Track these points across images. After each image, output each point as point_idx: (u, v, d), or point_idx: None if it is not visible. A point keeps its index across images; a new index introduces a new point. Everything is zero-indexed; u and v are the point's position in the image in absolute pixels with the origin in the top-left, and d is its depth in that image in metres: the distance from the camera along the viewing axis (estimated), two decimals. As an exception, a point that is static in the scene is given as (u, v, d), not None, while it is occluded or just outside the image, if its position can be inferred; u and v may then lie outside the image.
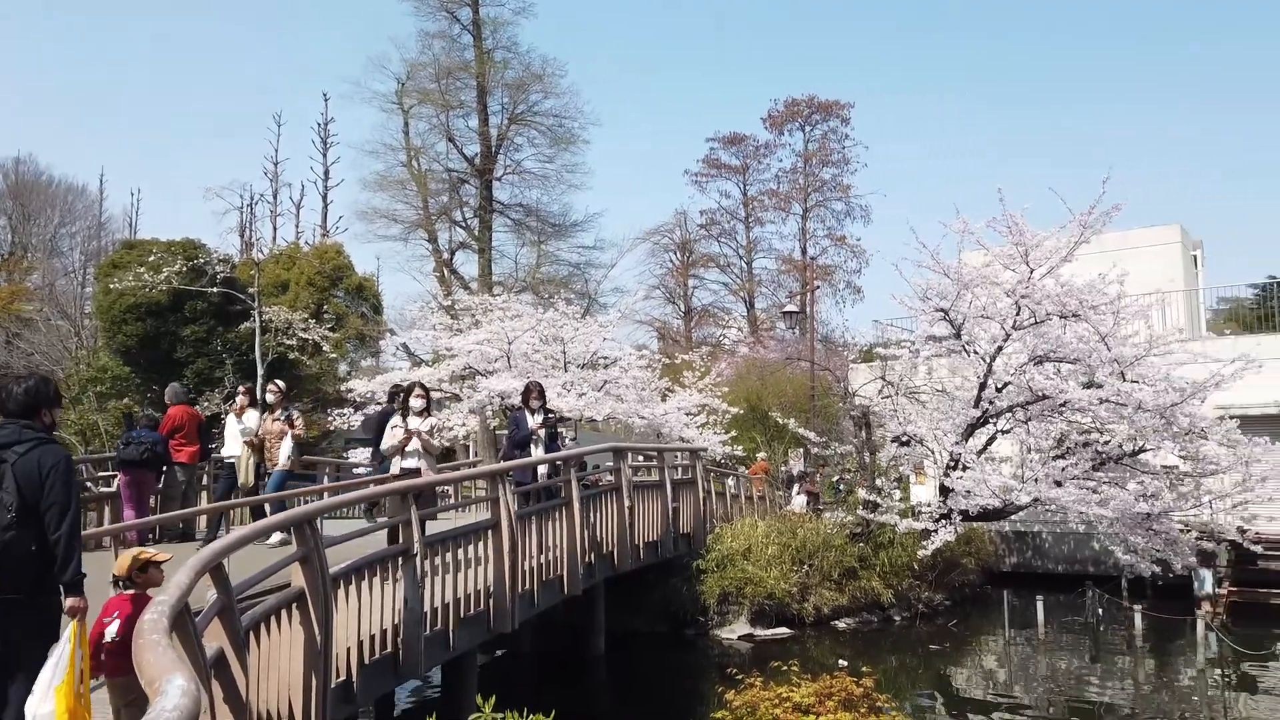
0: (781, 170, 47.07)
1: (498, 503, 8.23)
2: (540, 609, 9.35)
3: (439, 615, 7.25)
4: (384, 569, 6.52)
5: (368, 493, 8.68)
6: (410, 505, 6.84)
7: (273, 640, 5.10)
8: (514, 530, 8.30)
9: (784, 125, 46.32)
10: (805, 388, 23.76)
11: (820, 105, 45.60)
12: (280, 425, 10.19)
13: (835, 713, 5.61)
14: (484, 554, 8.12)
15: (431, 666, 7.65)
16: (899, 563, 15.04)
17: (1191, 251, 22.05)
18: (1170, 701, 10.99)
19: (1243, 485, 14.55)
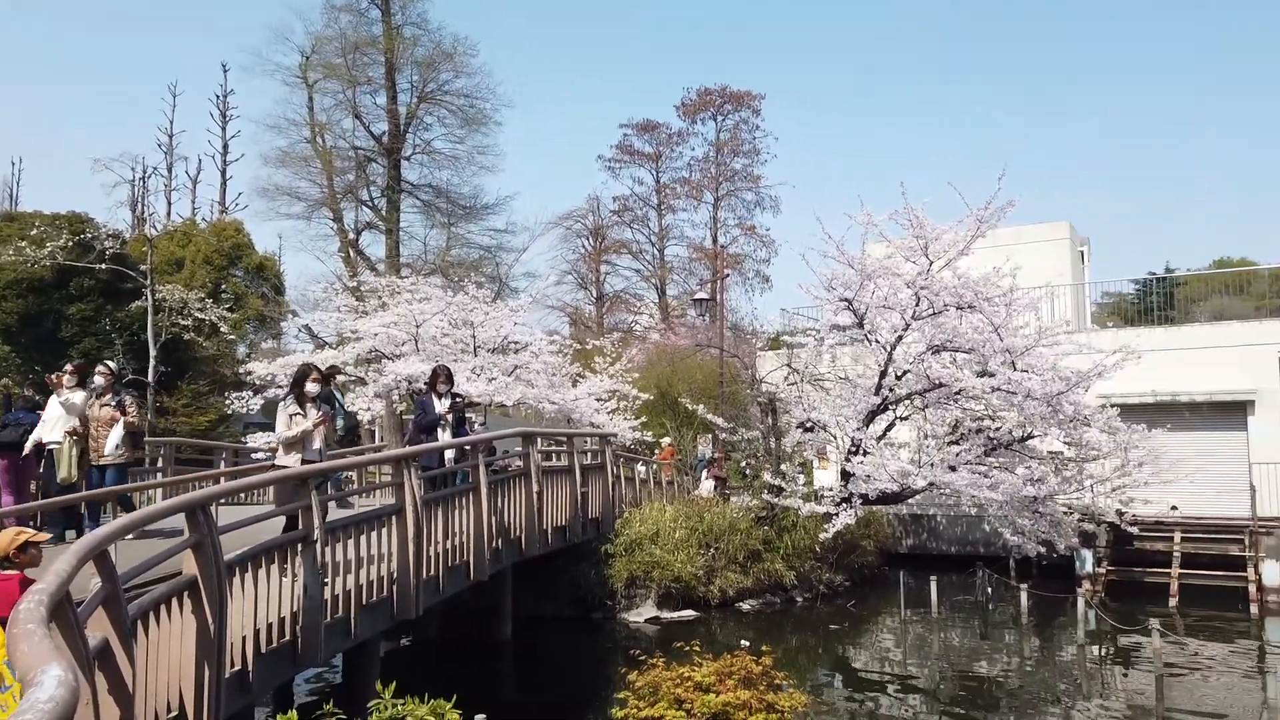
0: (694, 159, 47.40)
1: (402, 488, 8.11)
2: (446, 595, 9.26)
3: (340, 602, 7.12)
4: (283, 556, 6.36)
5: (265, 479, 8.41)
6: (311, 491, 6.68)
7: (163, 630, 4.92)
8: (419, 516, 8.19)
9: (696, 114, 46.60)
10: (714, 374, 24.07)
11: (732, 95, 46.03)
12: (110, 412, 9.19)
13: (735, 691, 5.75)
14: (388, 540, 7.99)
15: (332, 654, 7.50)
16: (801, 545, 15.42)
17: (1079, 248, 23.15)
18: (1052, 675, 11.61)
19: (1121, 470, 15.42)
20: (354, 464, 10.05)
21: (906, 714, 9.74)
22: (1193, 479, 16.44)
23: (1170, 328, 20.16)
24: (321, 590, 6.70)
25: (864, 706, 10.10)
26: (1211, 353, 18.13)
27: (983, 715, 9.61)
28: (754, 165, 46.61)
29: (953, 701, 10.20)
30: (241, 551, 5.95)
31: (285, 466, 7.60)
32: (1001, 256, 14.91)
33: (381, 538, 7.91)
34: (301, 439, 7.70)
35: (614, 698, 6.60)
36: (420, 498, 8.28)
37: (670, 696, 5.86)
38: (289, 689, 9.04)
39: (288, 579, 6.37)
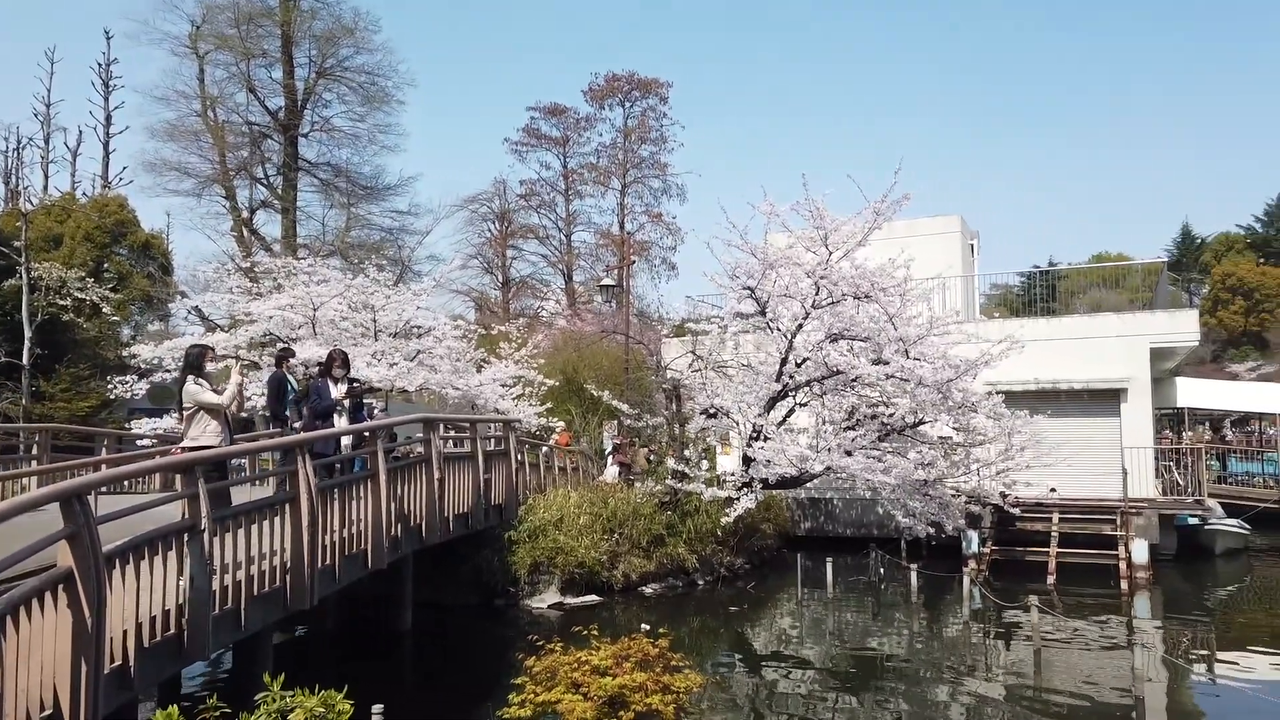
0: (601, 145, 47.29)
1: (296, 475, 7.89)
2: (343, 584, 9.06)
3: (229, 593, 6.88)
4: (168, 546, 6.12)
5: (149, 466, 8.07)
6: (198, 479, 6.43)
7: (34, 626, 4.68)
8: (314, 503, 7.98)
9: (604, 100, 46.48)
10: (620, 360, 24.14)
11: (640, 82, 46.07)
12: None
13: (631, 673, 5.82)
14: (281, 528, 7.76)
15: (221, 647, 7.28)
16: (704, 529, 15.66)
17: (969, 241, 24.08)
18: (940, 650, 12.11)
19: (1005, 454, 16.17)
20: (245, 450, 9.71)
21: (802, 691, 10.03)
22: (1070, 463, 17.38)
23: (1052, 319, 21.21)
24: (209, 581, 6.47)
25: (762, 685, 10.35)
26: (1089, 343, 19.15)
27: (874, 691, 9.97)
28: (661, 153, 46.83)
29: (846, 678, 10.55)
30: (122, 542, 5.69)
31: (202, 447, 7.37)
32: (897, 248, 15.40)
33: (274, 526, 7.69)
34: (228, 404, 7.58)
35: (514, 684, 6.59)
36: (315, 485, 8.07)
37: (567, 681, 5.90)
38: (177, 682, 8.72)
39: (173, 570, 6.13)
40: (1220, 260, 72.35)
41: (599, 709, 5.66)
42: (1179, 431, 27.10)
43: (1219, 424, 33.21)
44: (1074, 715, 8.98)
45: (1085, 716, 8.97)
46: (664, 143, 46.69)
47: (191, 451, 7.27)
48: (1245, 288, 66.13)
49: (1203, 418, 30.93)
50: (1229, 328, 64.28)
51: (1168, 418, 26.68)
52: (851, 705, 9.44)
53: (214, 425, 7.65)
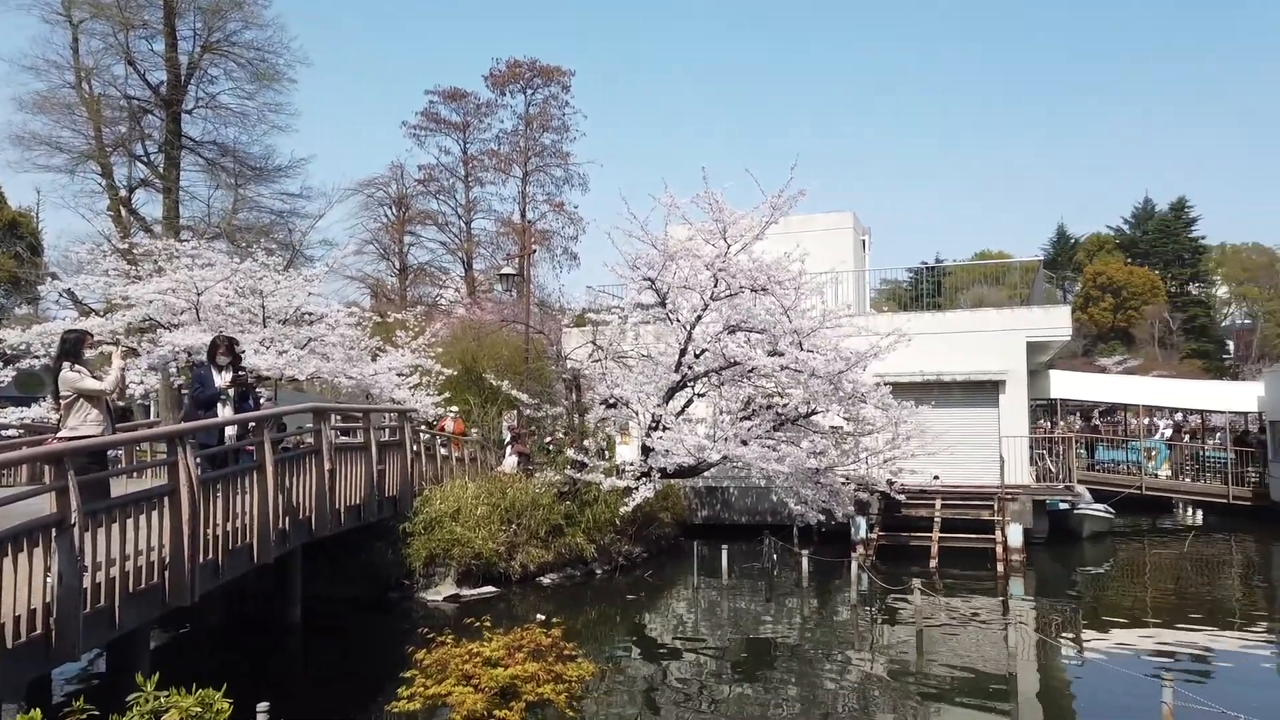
0: (502, 131, 46.70)
1: (176, 467, 7.56)
2: (227, 579, 8.75)
3: (103, 591, 6.56)
4: (34, 541, 5.78)
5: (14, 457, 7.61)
6: (67, 470, 6.10)
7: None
8: (195, 496, 7.67)
9: (506, 86, 45.91)
10: (520, 350, 23.96)
11: (542, 70, 45.69)
12: None
13: (523, 664, 5.82)
14: (160, 522, 7.43)
15: (93, 647, 6.93)
16: (602, 519, 15.73)
17: (861, 237, 24.83)
18: (829, 633, 12.51)
19: (892, 443, 16.79)
20: (122, 441, 9.24)
21: (697, 677, 10.20)
22: (953, 451, 18.17)
23: (937, 313, 22.09)
24: (80, 578, 6.15)
25: (658, 672, 10.49)
26: (971, 337, 20.02)
27: (766, 674, 10.22)
28: (563, 142, 46.58)
29: (739, 663, 10.78)
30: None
31: (82, 437, 6.98)
32: (792, 242, 15.75)
33: (153, 520, 7.35)
34: (111, 391, 7.29)
35: (405, 678, 6.50)
36: (197, 477, 7.76)
37: (458, 673, 5.84)
38: (47, 686, 8.27)
39: (39, 567, 5.80)
40: (1092, 260, 76.65)
41: (490, 700, 5.63)
42: (1052, 421, 28.63)
43: (1088, 414, 35.23)
44: (953, 692, 9.41)
45: (963, 693, 9.41)
46: (566, 131, 46.47)
47: (71, 441, 6.90)
48: (1114, 286, 70.27)
49: (1074, 408, 32.76)
50: (1099, 323, 68.21)
51: (1042, 408, 28.15)
52: (744, 689, 9.66)
53: (94, 414, 7.30)
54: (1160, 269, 74.33)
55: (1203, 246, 78.60)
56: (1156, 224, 78.59)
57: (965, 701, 9.11)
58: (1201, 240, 78.56)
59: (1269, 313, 70.30)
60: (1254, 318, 72.71)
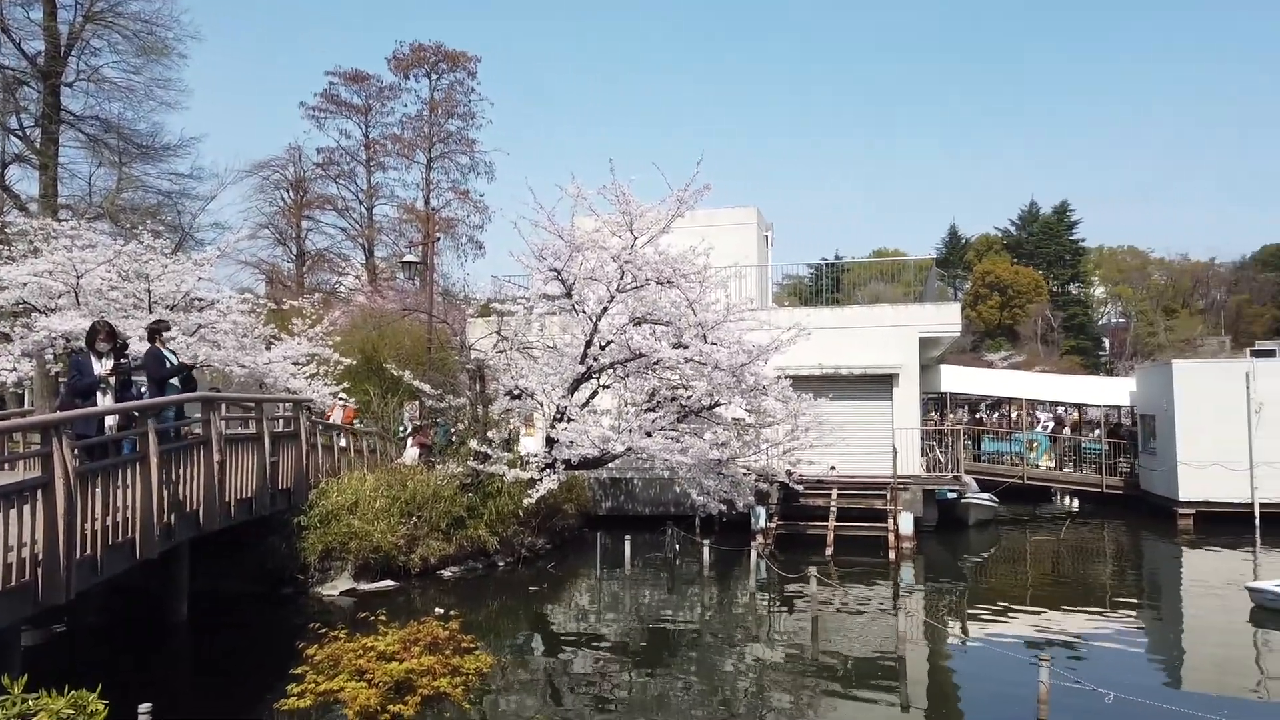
0: (406, 116, 45.72)
1: (51, 458, 7.16)
2: (107, 575, 8.34)
3: (-33, 590, 6.17)
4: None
5: None
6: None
7: None
8: (72, 489, 7.28)
9: (410, 70, 44.95)
10: (423, 340, 23.55)
11: (447, 55, 44.90)
12: None
13: (420, 657, 5.74)
14: (33, 516, 7.02)
15: (-45, 650, 6.50)
16: (505, 511, 15.61)
17: (764, 232, 25.27)
18: (728, 621, 12.74)
19: (792, 435, 17.17)
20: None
21: (599, 667, 10.25)
22: (849, 442, 18.71)
23: (836, 308, 22.67)
24: (-59, 577, 5.77)
25: (559, 663, 10.50)
26: (868, 332, 20.63)
27: (667, 662, 10.35)
28: (469, 128, 45.93)
29: (640, 652, 10.88)
30: None
31: None
32: (698, 236, 15.93)
33: (24, 514, 6.94)
34: None
35: (296, 675, 6.32)
36: (74, 469, 7.37)
37: (351, 668, 5.72)
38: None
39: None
40: (981, 259, 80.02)
41: (384, 695, 5.53)
42: (942, 414, 29.76)
43: (975, 407, 36.76)
44: (846, 676, 9.72)
45: (855, 677, 9.73)
46: (472, 118, 45.83)
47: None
48: (1001, 285, 73.53)
49: (962, 401, 34.11)
50: (986, 320, 71.28)
51: (933, 401, 29.22)
52: (646, 678, 9.75)
53: None
54: (1044, 269, 78.10)
55: (1082, 248, 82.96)
56: (1041, 226, 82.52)
57: (856, 685, 9.42)
58: (1081, 242, 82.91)
59: (1140, 312, 74.74)
60: (1127, 317, 77.18)
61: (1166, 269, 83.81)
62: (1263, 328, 73.33)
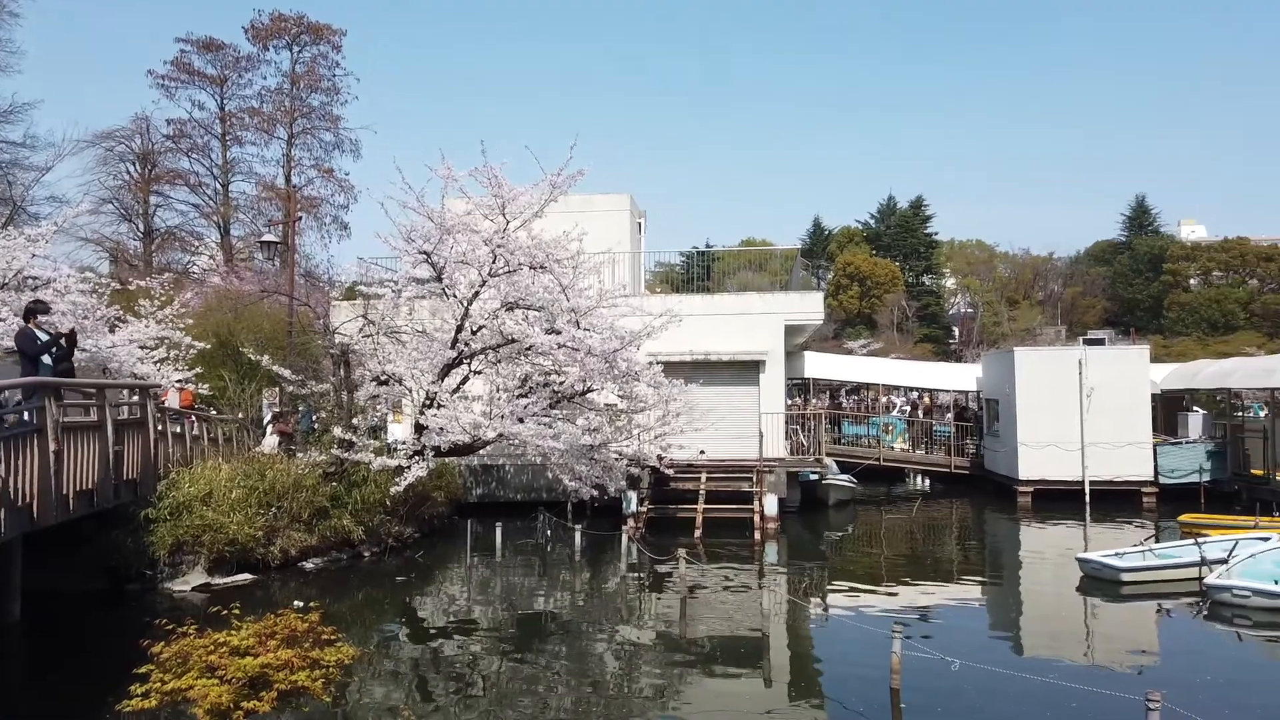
0: (265, 89, 43.49)
1: None
2: (-76, 577, 7.65)
3: None
4: None
5: None
6: None
7: None
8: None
9: (269, 40, 42.76)
10: (283, 323, 22.60)
11: (310, 26, 42.99)
12: None
13: (277, 651, 5.53)
14: None
15: None
16: (372, 500, 15.22)
17: (637, 219, 25.45)
18: (599, 605, 12.85)
19: (663, 420, 17.42)
20: None
21: (469, 655, 10.15)
22: (718, 427, 19.14)
23: (707, 296, 23.11)
24: None
25: (427, 652, 10.33)
26: (736, 319, 21.12)
27: (538, 648, 10.35)
28: (333, 104, 44.16)
29: (511, 638, 10.84)
30: None
31: None
32: (571, 222, 15.88)
33: None
34: None
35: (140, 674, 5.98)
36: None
37: (201, 665, 5.45)
38: None
39: None
40: (843, 250, 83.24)
41: (238, 692, 5.30)
42: (805, 399, 30.82)
43: (837, 392, 38.25)
44: (712, 654, 9.99)
45: (721, 653, 10.01)
46: (336, 94, 44.07)
47: None
48: (861, 275, 76.68)
49: (824, 387, 35.43)
50: (847, 309, 74.22)
51: (797, 386, 30.22)
52: (516, 664, 9.73)
53: None
54: (900, 261, 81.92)
55: (935, 242, 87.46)
56: (898, 220, 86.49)
57: (722, 663, 9.70)
58: (934, 236, 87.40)
59: (987, 303, 79.45)
60: (975, 307, 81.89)
61: (1010, 262, 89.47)
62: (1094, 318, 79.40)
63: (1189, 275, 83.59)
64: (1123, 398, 22.09)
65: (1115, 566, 13.26)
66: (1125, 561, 13.46)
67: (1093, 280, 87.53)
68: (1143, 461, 21.95)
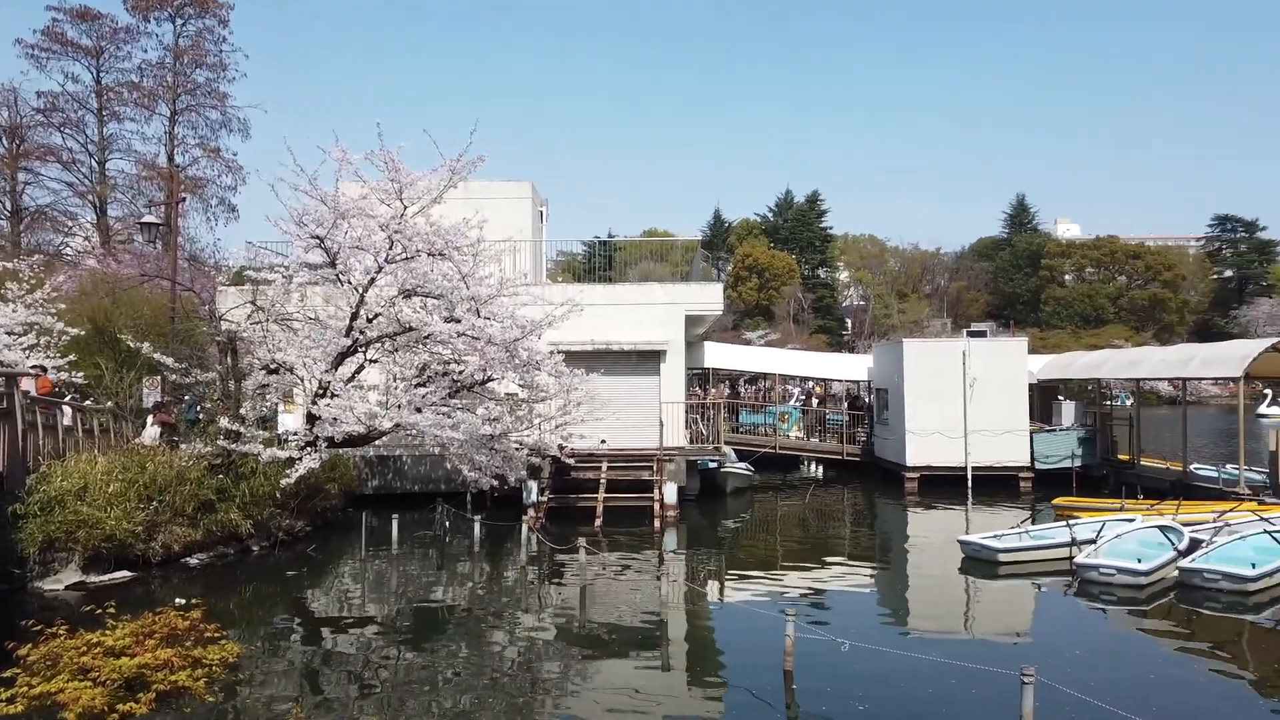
0: (146, 63, 41.30)
1: None
2: None
3: None
4: None
5: None
6: None
7: None
8: None
9: (150, 12, 40.59)
10: (166, 309, 21.59)
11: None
12: None
13: (155, 651, 5.30)
14: None
15: None
16: (261, 493, 14.73)
17: (539, 208, 25.29)
18: (498, 596, 12.76)
19: (564, 409, 17.40)
20: None
21: (363, 650, 9.94)
22: (619, 416, 19.25)
23: (609, 285, 23.17)
24: None
25: (320, 648, 10.07)
26: (638, 309, 21.24)
27: (435, 641, 10.22)
28: (220, 81, 42.27)
29: (407, 631, 10.68)
30: None
31: None
32: (472, 209, 15.68)
33: None
34: None
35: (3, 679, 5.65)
36: None
37: (73, 667, 5.19)
38: None
39: None
40: (742, 242, 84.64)
41: (112, 694, 5.06)
42: (704, 388, 31.27)
43: (735, 382, 38.93)
44: (611, 642, 10.06)
45: (619, 642, 10.09)
46: (223, 70, 42.19)
47: None
48: (759, 267, 78.15)
49: (724, 377, 36.00)
50: (746, 301, 75.57)
51: (697, 376, 30.63)
52: (413, 657, 9.59)
53: None
54: (797, 254, 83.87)
55: (830, 236, 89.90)
56: (795, 214, 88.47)
57: (621, 650, 9.78)
58: (829, 230, 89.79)
59: (878, 295, 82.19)
60: (867, 300, 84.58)
61: (900, 257, 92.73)
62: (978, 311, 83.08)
63: (1064, 271, 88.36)
64: (1003, 387, 23.18)
65: (993, 548, 13.95)
66: (1003, 543, 14.17)
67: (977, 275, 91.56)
68: (1021, 448, 23.10)
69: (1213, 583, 11.85)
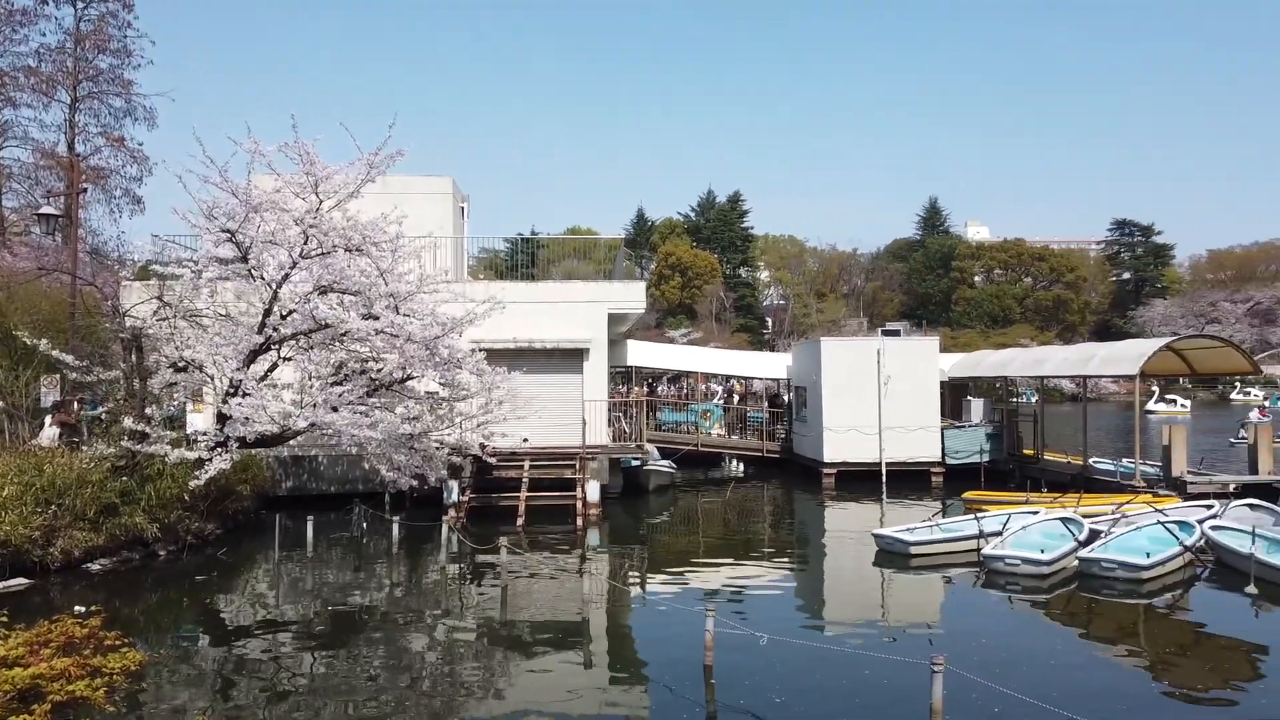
0: (45, 46, 39.31)
1: None
2: None
3: None
4: None
5: None
6: None
7: None
8: None
9: (49, -8, 38.67)
10: (65, 304, 20.61)
11: (98, -20, 39.21)
12: None
13: (51, 660, 5.08)
14: None
15: None
16: (168, 495, 14.22)
17: (460, 204, 24.98)
18: (418, 598, 12.58)
19: (486, 408, 17.24)
20: None
21: (276, 655, 9.69)
22: (542, 415, 19.16)
23: (531, 283, 23.05)
24: None
25: (230, 655, 9.77)
26: (561, 307, 21.18)
27: (352, 644, 10.01)
28: (124, 68, 40.41)
29: (322, 635, 10.44)
30: None
31: None
32: (391, 204, 15.41)
33: None
34: None
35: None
36: None
37: (-43, 681, 4.94)
38: None
39: None
40: (665, 241, 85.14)
41: (5, 706, 4.83)
42: (627, 386, 31.37)
43: (657, 380, 39.16)
44: (533, 641, 10.02)
45: (542, 640, 10.06)
46: (128, 56, 40.34)
47: None
48: (682, 266, 78.77)
49: (646, 375, 36.19)
50: (669, 299, 76.07)
51: (620, 374, 30.72)
52: (329, 661, 9.38)
53: None
54: (719, 253, 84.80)
55: (751, 236, 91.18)
56: (717, 213, 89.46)
57: (543, 650, 9.75)
58: (751, 230, 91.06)
59: (797, 295, 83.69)
60: (786, 299, 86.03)
61: (819, 257, 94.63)
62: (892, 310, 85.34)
63: (974, 273, 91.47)
64: (915, 386, 23.86)
65: (905, 541, 14.36)
66: (914, 536, 14.61)
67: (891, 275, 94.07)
68: (932, 444, 23.82)
69: (1110, 571, 12.44)
